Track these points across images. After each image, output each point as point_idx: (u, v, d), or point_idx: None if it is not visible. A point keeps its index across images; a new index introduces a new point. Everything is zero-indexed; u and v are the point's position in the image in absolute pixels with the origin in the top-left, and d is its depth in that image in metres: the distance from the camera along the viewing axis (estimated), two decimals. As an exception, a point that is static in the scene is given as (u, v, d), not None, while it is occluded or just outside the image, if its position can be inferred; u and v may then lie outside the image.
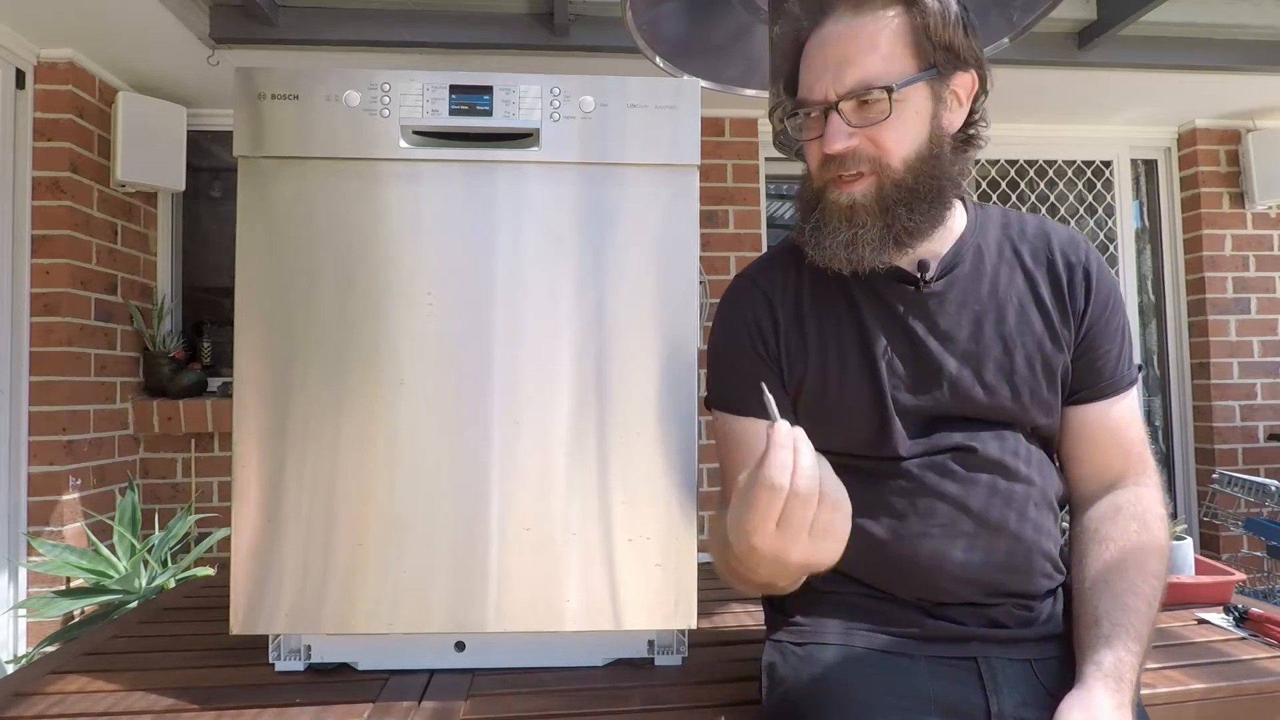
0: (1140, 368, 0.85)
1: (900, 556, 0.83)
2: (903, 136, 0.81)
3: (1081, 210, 3.20)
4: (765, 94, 1.35)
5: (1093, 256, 0.89)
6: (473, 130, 0.97)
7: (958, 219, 0.89)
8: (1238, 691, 0.94)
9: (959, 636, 0.82)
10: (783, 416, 0.77)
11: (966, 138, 0.87)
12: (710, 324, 0.94)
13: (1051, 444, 0.90)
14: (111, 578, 2.08)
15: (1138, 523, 0.83)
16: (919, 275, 0.86)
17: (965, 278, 0.87)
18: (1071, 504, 0.91)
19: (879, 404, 0.85)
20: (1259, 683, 0.96)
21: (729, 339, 0.92)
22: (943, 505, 0.83)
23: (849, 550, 0.77)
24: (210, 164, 2.87)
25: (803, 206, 0.88)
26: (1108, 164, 3.20)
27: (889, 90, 0.79)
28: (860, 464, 0.86)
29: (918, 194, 0.82)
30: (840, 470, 0.78)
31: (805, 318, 0.90)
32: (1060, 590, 0.87)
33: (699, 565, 0.98)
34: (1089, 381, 0.87)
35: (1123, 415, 0.88)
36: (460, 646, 1.01)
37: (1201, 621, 1.18)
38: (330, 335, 0.95)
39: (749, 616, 1.26)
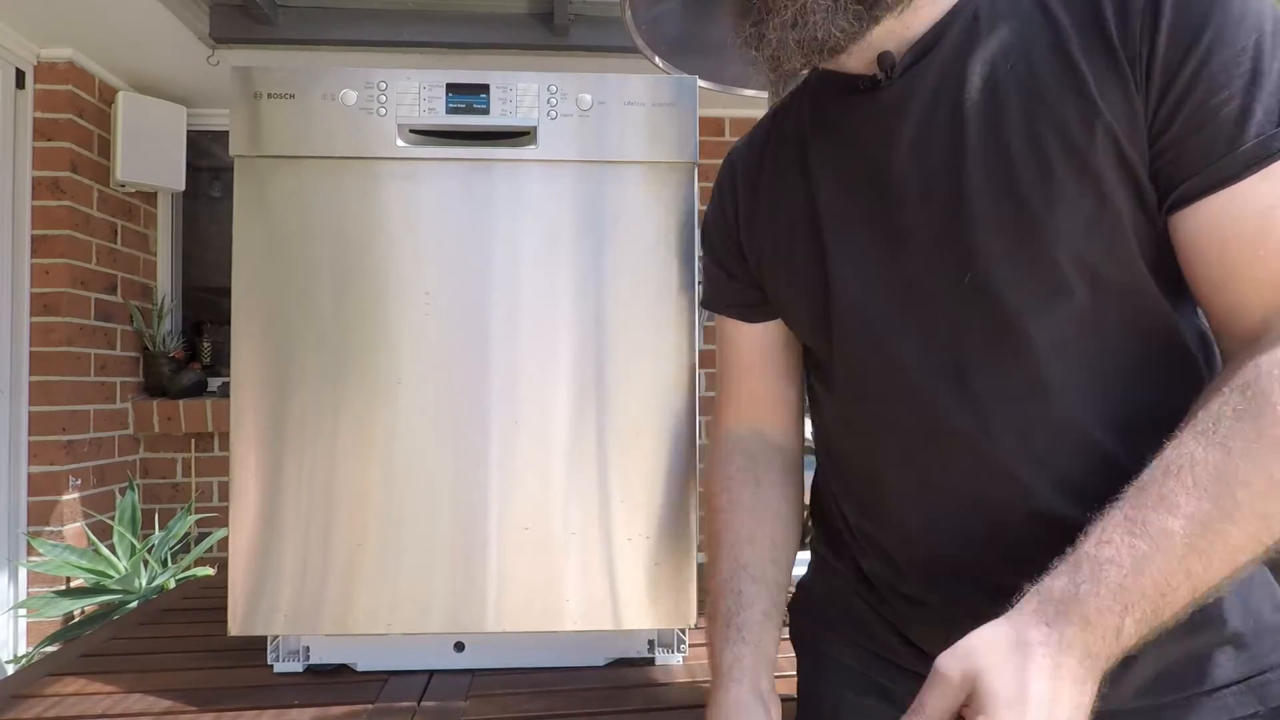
0: None
1: (868, 508, 0.65)
2: None
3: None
4: (765, 94, 1.35)
5: None
6: (470, 129, 0.96)
7: None
8: (1240, 691, 0.94)
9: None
10: (762, 320, 0.69)
11: None
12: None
13: (1150, 304, 0.53)
14: (111, 578, 2.08)
15: (1243, 395, 0.45)
16: (879, 73, 0.57)
17: (944, 60, 0.55)
18: None
19: (822, 282, 0.61)
20: (1261, 682, 0.95)
21: (705, 228, 0.79)
22: (915, 449, 0.59)
23: (842, 482, 0.66)
24: (210, 164, 2.87)
25: (739, 6, 0.58)
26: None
27: None
28: (824, 372, 0.65)
29: None
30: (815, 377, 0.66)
31: (761, 180, 0.68)
32: None
33: (698, 564, 0.98)
34: (1188, 167, 0.49)
35: (1264, 213, 0.47)
36: (459, 647, 1.01)
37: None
38: (328, 335, 0.95)
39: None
